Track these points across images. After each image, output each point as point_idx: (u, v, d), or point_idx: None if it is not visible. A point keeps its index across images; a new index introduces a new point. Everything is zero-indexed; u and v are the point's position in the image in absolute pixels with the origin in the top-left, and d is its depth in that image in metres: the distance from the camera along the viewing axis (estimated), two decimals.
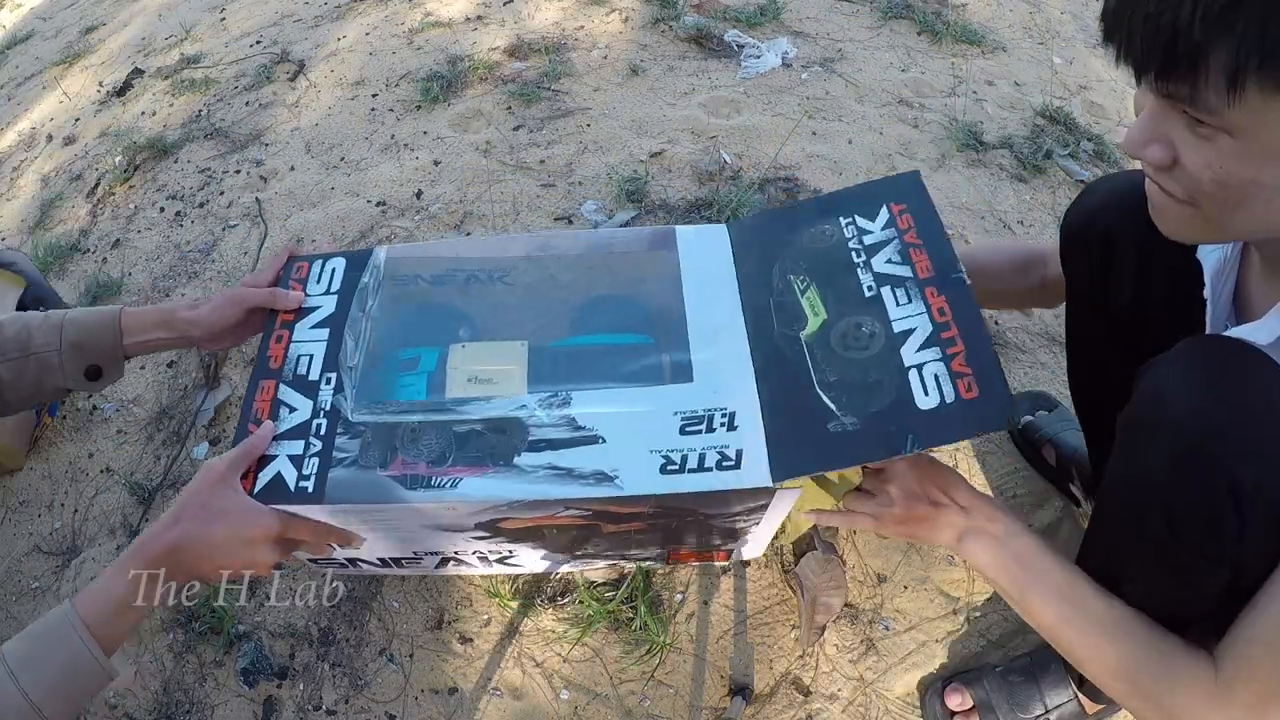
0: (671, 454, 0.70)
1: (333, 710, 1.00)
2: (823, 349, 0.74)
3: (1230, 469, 0.54)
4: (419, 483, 0.71)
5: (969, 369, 0.68)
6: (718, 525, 0.79)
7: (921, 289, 0.74)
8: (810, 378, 0.72)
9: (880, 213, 0.82)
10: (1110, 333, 0.82)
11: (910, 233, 0.79)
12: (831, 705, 0.97)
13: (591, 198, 1.63)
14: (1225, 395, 0.55)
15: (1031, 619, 0.70)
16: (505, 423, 0.74)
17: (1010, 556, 0.70)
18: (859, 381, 0.71)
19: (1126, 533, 0.63)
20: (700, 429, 0.71)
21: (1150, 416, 0.59)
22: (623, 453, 0.70)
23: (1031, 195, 1.62)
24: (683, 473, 0.69)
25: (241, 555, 0.69)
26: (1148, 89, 0.52)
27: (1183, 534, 0.57)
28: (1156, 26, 0.48)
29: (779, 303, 0.79)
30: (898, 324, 0.73)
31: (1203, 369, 0.57)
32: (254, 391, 0.79)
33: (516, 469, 0.71)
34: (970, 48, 2.04)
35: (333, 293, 0.86)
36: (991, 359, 0.68)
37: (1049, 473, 1.14)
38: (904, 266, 0.76)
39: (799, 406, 0.71)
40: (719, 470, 0.69)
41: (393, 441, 0.73)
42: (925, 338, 0.71)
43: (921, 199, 0.81)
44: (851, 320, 0.74)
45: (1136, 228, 0.64)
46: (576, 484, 0.69)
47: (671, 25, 2.11)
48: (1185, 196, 0.55)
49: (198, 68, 2.30)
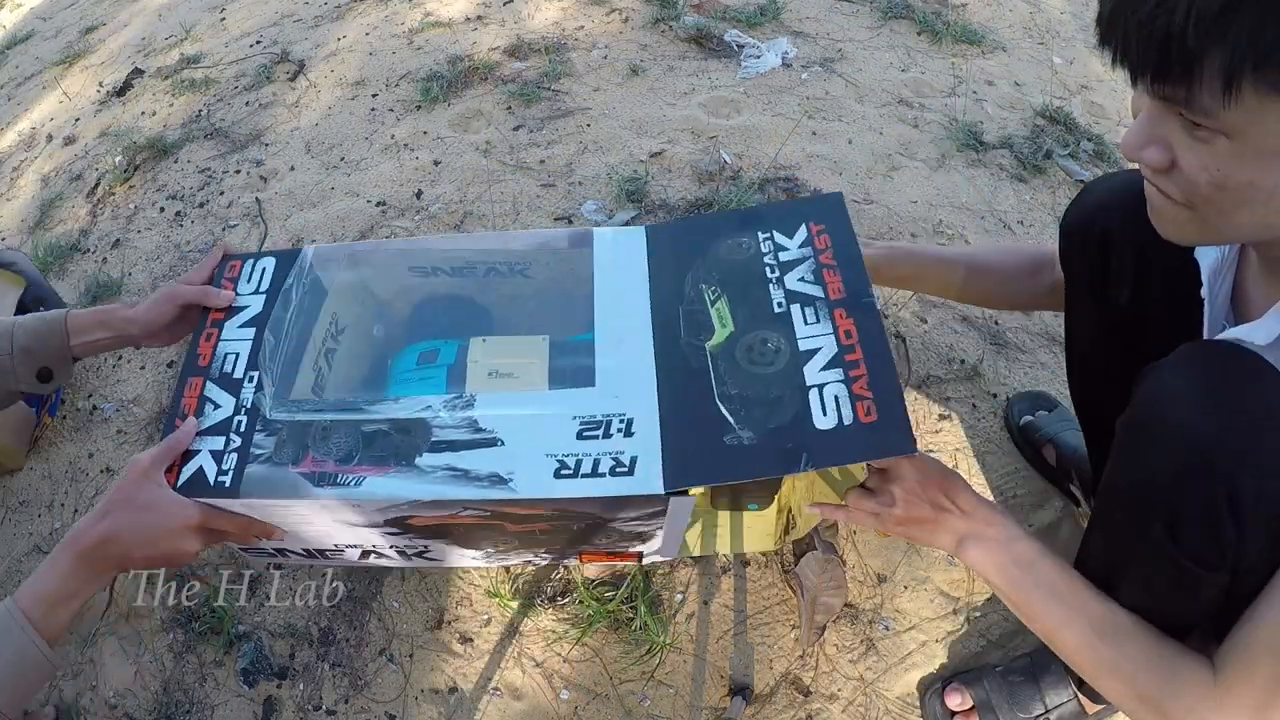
0: (567, 458, 0.70)
1: (333, 710, 1.00)
2: (727, 361, 0.74)
3: (1230, 477, 0.53)
4: (326, 480, 0.72)
5: (869, 393, 0.69)
6: (618, 528, 0.80)
7: (831, 310, 0.75)
8: (711, 389, 0.73)
9: (799, 231, 0.82)
10: (1109, 332, 0.82)
11: (826, 253, 0.80)
12: (831, 705, 0.97)
13: (591, 198, 1.63)
14: (1226, 402, 0.55)
15: (1031, 623, 0.70)
16: (410, 424, 0.75)
17: (1010, 560, 0.69)
18: (760, 396, 0.71)
19: (1126, 538, 0.63)
20: (597, 434, 0.71)
21: (1151, 422, 0.59)
22: (519, 456, 0.71)
23: (1031, 195, 1.62)
24: (576, 477, 0.69)
25: (167, 545, 0.72)
26: (1144, 92, 0.52)
27: (1183, 541, 0.57)
28: (1151, 30, 0.48)
29: (688, 311, 0.79)
30: (803, 342, 0.74)
31: (1203, 375, 0.57)
32: (183, 388, 0.82)
33: (417, 469, 0.72)
34: (970, 48, 2.04)
35: (261, 292, 0.88)
36: (893, 385, 0.69)
37: (1049, 473, 1.14)
38: (816, 286, 0.77)
39: (697, 417, 0.71)
40: (612, 476, 0.69)
41: (305, 440, 0.75)
42: (829, 358, 0.72)
43: (841, 221, 0.82)
44: (758, 335, 0.75)
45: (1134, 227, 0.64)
46: (472, 486, 0.70)
47: (671, 25, 2.11)
48: (1183, 199, 0.55)
49: (198, 68, 2.30)
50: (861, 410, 0.68)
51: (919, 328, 1.36)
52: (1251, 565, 0.56)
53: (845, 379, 0.70)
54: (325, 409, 0.77)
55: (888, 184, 1.64)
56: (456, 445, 0.73)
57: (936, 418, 1.23)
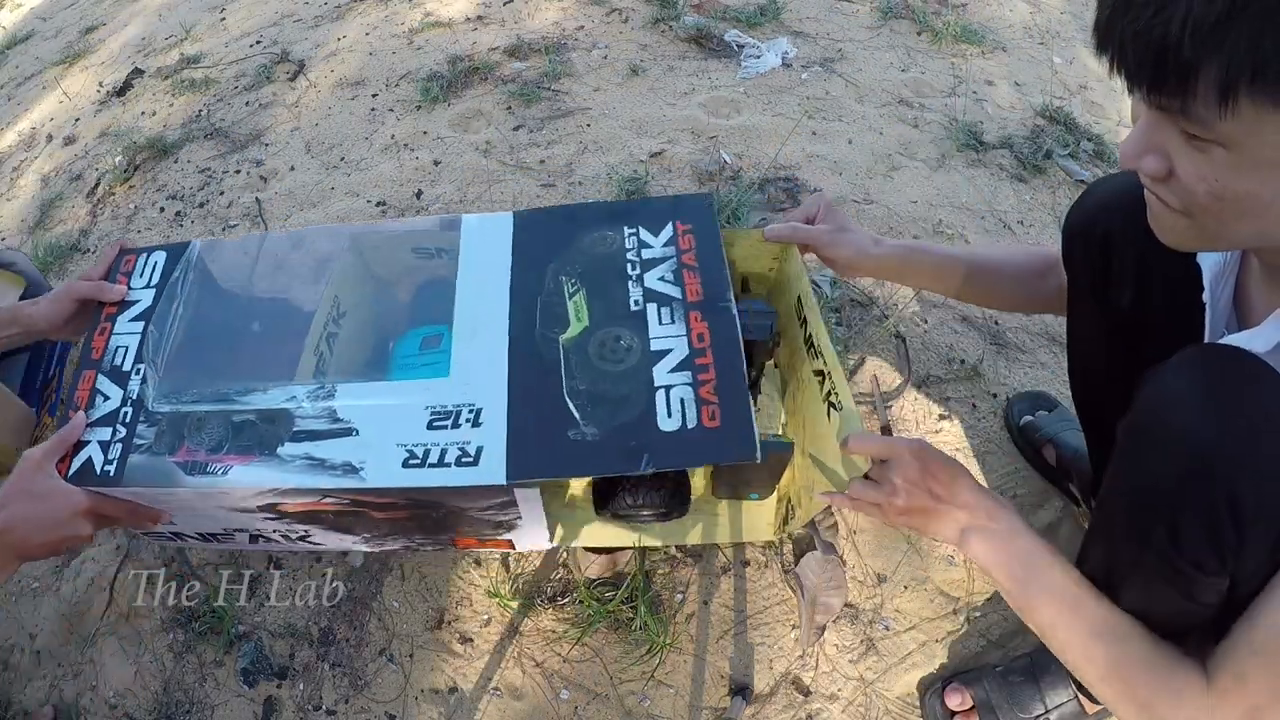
0: (416, 448, 0.71)
1: (333, 710, 1.00)
2: (579, 355, 0.75)
3: (1231, 481, 0.53)
4: (197, 469, 0.76)
5: (715, 398, 0.70)
6: (475, 516, 0.80)
7: (686, 312, 0.76)
8: (561, 383, 0.73)
9: (665, 229, 0.83)
10: (1110, 333, 0.82)
11: (689, 254, 0.80)
12: (831, 705, 0.97)
13: (591, 198, 1.63)
14: (1227, 407, 0.55)
15: (1029, 617, 0.70)
16: (275, 414, 0.77)
17: (1011, 554, 0.70)
18: (607, 393, 0.72)
19: (1127, 541, 0.63)
20: (447, 424, 0.72)
21: (1152, 426, 0.59)
22: (371, 445, 0.73)
23: (1031, 195, 1.62)
24: (423, 467, 0.70)
25: (61, 532, 0.76)
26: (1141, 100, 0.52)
27: (1183, 545, 0.57)
28: (1148, 40, 0.47)
29: (546, 303, 0.80)
30: (656, 342, 0.74)
31: (1205, 379, 0.57)
32: (77, 380, 0.85)
33: (278, 458, 0.74)
34: (970, 48, 2.04)
35: (152, 286, 0.91)
36: (741, 391, 0.70)
37: (1049, 473, 1.14)
38: (675, 287, 0.78)
39: (545, 410, 0.72)
40: (457, 466, 0.70)
41: (182, 430, 0.78)
42: (680, 360, 0.73)
43: (708, 223, 0.83)
44: (612, 331, 0.76)
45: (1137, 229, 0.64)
46: (326, 474, 0.72)
47: (671, 25, 2.11)
48: (1181, 207, 0.55)
49: (198, 68, 2.30)
50: (706, 414, 0.69)
51: (919, 328, 1.36)
52: (1251, 570, 0.56)
53: (693, 382, 0.71)
54: (201, 400, 0.80)
55: (888, 184, 1.64)
56: (316, 435, 0.75)
57: (936, 418, 1.23)
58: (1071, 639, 0.66)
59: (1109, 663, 0.63)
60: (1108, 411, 0.86)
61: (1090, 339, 0.87)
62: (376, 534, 0.89)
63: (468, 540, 0.92)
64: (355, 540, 0.93)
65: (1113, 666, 0.63)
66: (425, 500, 0.76)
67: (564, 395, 0.73)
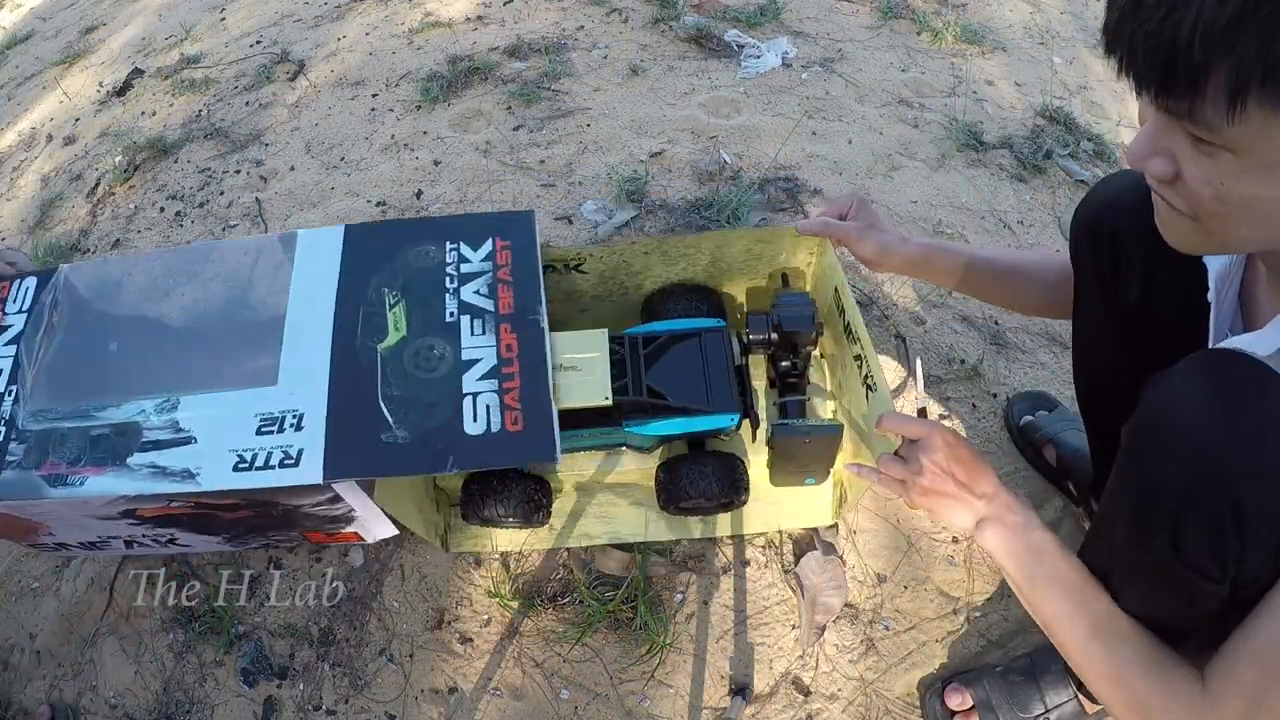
0: (245, 453, 0.78)
1: (333, 710, 1.00)
2: (394, 363, 0.81)
3: (1236, 488, 0.53)
4: (59, 481, 0.80)
5: (519, 405, 0.77)
6: (310, 512, 0.87)
7: (497, 324, 0.83)
8: (377, 389, 0.79)
9: (485, 245, 0.90)
10: (1116, 330, 0.82)
11: (505, 269, 0.87)
12: (831, 705, 0.97)
13: (591, 198, 1.63)
14: (1233, 412, 0.55)
15: (1034, 610, 0.71)
16: (126, 426, 0.83)
17: (1024, 546, 0.71)
18: (419, 399, 0.78)
19: (1129, 545, 0.63)
20: (274, 429, 0.79)
21: (1157, 430, 0.59)
22: (206, 452, 0.79)
23: (1031, 195, 1.62)
24: (251, 470, 0.77)
25: None
26: (1149, 103, 0.51)
27: (1186, 551, 0.57)
28: (1157, 44, 0.47)
29: (368, 313, 0.86)
30: (467, 352, 0.81)
31: (1210, 384, 0.57)
32: None
33: (128, 468, 0.80)
34: (970, 48, 2.04)
35: (24, 311, 0.96)
36: (544, 398, 0.77)
37: (1049, 473, 1.14)
38: (489, 300, 0.85)
39: (361, 415, 0.78)
40: (280, 468, 0.76)
41: (47, 446, 0.83)
42: (488, 369, 0.79)
43: (527, 238, 0.89)
44: (426, 341, 0.82)
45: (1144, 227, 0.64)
46: (168, 480, 0.78)
47: (671, 25, 2.11)
48: (1187, 210, 0.54)
49: (198, 68, 2.30)
50: (509, 420, 0.76)
51: (919, 328, 1.36)
52: (1252, 577, 0.56)
53: (499, 390, 0.78)
54: (64, 417, 0.85)
55: (888, 184, 1.64)
56: (161, 444, 0.81)
57: (936, 418, 1.23)
58: (1073, 634, 0.66)
59: (1107, 661, 0.64)
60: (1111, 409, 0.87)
61: (1096, 336, 0.87)
62: (234, 533, 0.95)
63: (316, 535, 0.97)
64: (219, 540, 0.99)
65: (1110, 665, 0.63)
66: (261, 500, 0.82)
67: (379, 401, 0.79)
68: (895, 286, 1.43)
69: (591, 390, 0.93)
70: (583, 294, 1.13)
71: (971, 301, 1.40)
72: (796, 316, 1.01)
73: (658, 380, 1.00)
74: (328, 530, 0.94)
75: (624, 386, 0.98)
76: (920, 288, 1.43)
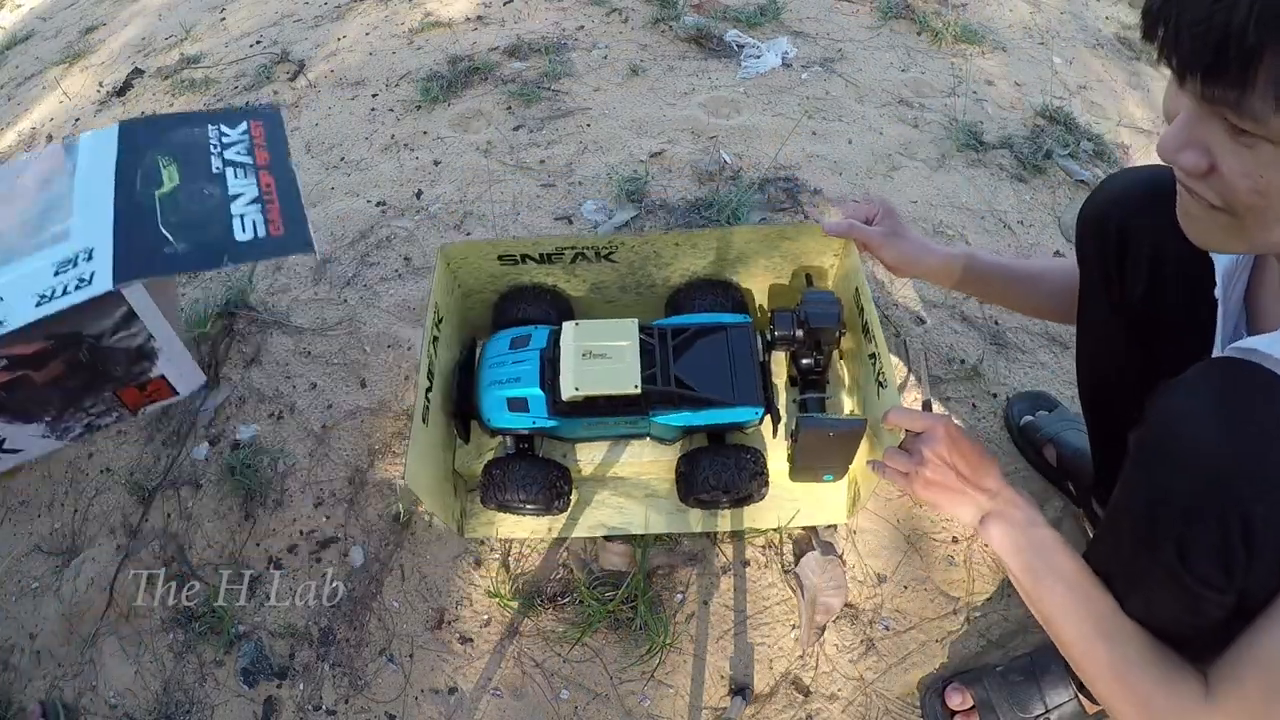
0: (45, 291, 0.85)
1: (333, 710, 1.00)
2: (171, 202, 0.92)
3: (1244, 500, 0.53)
4: None
5: (280, 219, 0.89)
6: (113, 348, 0.93)
7: (258, 172, 0.95)
8: (157, 220, 0.90)
9: (241, 125, 1.02)
10: (1121, 327, 0.82)
11: (260, 140, 1.00)
12: (831, 705, 0.97)
13: (591, 197, 1.63)
14: (1242, 423, 0.54)
15: (1036, 607, 0.70)
16: None
17: (1027, 542, 0.71)
18: (194, 223, 0.90)
19: (1134, 554, 0.62)
20: (69, 267, 0.88)
21: (1165, 440, 0.58)
22: (13, 302, 0.85)
23: (1031, 195, 1.62)
24: (51, 300, 0.84)
25: None
26: (1189, 92, 0.49)
27: (1192, 562, 0.56)
28: (1209, 26, 0.44)
29: (145, 173, 0.96)
30: (233, 189, 0.93)
31: (1218, 395, 0.56)
32: None
33: None
34: (970, 48, 2.05)
35: None
36: (298, 210, 0.89)
37: (1049, 473, 1.14)
38: (249, 157, 0.98)
39: (144, 238, 0.88)
40: (76, 290, 0.84)
41: None
42: (251, 199, 0.92)
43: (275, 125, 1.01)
44: (198, 185, 0.94)
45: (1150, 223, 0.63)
46: None
47: (671, 25, 2.11)
48: (1220, 204, 0.53)
49: (198, 68, 2.30)
50: (273, 228, 0.88)
51: (919, 328, 1.37)
52: (1259, 587, 0.55)
53: (263, 211, 0.90)
54: None
55: (888, 184, 1.64)
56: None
57: None
58: (1075, 632, 0.66)
59: (1109, 660, 0.63)
60: (1115, 407, 0.87)
61: (1100, 334, 0.87)
62: (53, 412, 0.99)
63: (130, 393, 1.02)
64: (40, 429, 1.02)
65: (1113, 664, 0.63)
66: (67, 336, 0.88)
67: (160, 227, 0.89)
68: (896, 286, 1.43)
69: (621, 378, 0.98)
70: (608, 285, 1.17)
71: (971, 301, 1.40)
72: (823, 314, 1.04)
73: (685, 372, 1.02)
74: (137, 379, 0.99)
75: (652, 376, 1.01)
76: (921, 288, 1.43)
